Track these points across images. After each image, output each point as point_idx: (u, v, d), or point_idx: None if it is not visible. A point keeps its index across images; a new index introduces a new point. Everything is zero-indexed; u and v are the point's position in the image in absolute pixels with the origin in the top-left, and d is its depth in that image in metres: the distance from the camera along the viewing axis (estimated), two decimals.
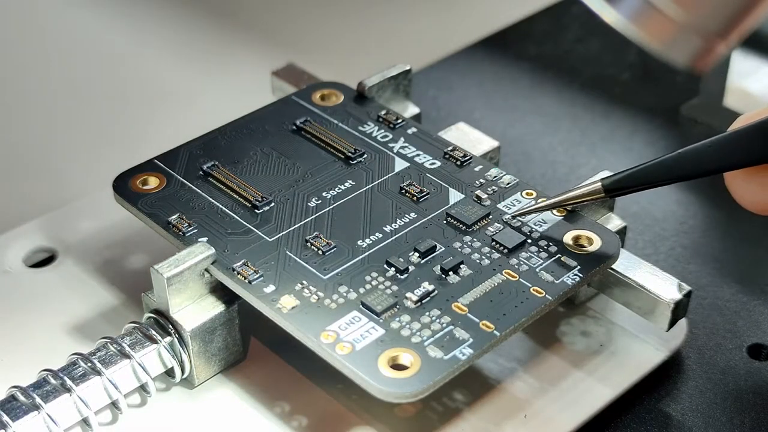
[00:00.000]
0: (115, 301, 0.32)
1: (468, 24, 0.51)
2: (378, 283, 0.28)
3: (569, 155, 0.40)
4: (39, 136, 0.44)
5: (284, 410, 0.29)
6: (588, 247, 0.29)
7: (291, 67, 0.39)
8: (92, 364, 0.28)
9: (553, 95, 0.44)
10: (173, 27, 0.52)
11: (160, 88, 0.48)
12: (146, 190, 0.32)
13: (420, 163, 0.33)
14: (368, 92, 0.35)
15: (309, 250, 0.29)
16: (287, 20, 0.53)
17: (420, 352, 0.26)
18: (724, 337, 0.32)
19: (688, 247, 0.35)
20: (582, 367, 0.30)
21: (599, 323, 0.31)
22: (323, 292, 0.28)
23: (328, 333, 0.27)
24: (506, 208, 0.31)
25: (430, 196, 0.31)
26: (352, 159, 0.33)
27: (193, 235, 0.30)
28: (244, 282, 0.28)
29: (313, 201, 0.31)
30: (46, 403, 0.27)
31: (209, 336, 0.29)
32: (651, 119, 0.42)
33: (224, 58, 0.50)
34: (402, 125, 0.34)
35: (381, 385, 0.26)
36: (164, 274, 0.28)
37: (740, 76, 0.41)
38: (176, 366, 0.29)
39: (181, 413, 0.29)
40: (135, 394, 0.29)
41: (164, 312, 0.29)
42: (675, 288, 0.30)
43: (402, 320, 0.27)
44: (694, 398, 0.30)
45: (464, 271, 0.28)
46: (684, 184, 0.38)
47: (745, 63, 0.41)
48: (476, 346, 0.26)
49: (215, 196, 0.31)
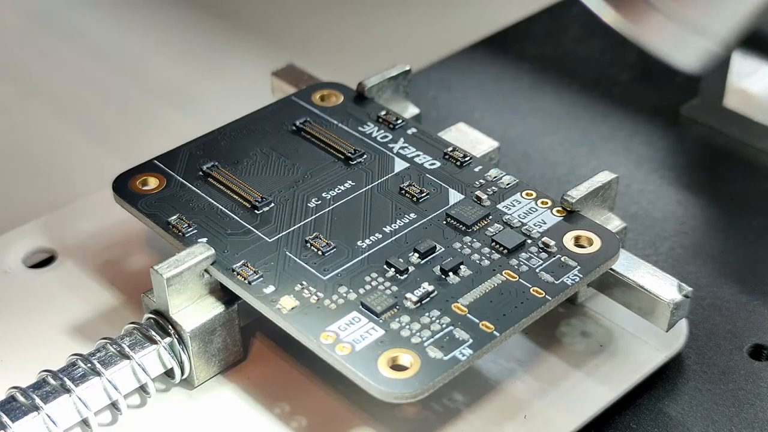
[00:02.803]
0: (115, 302, 0.32)
1: (468, 24, 0.51)
2: (378, 284, 0.28)
3: (569, 155, 0.40)
4: (38, 136, 0.44)
5: (284, 411, 0.29)
6: (588, 248, 0.29)
7: (291, 68, 0.39)
8: (92, 364, 0.28)
9: (553, 95, 0.44)
10: (173, 27, 0.52)
11: (159, 88, 0.48)
12: (146, 190, 0.32)
13: (420, 163, 0.33)
14: (368, 93, 0.35)
15: (309, 251, 0.29)
16: (287, 21, 0.53)
17: (420, 353, 0.26)
18: (724, 338, 0.32)
19: (688, 248, 0.35)
20: (582, 368, 0.30)
21: (599, 324, 0.31)
22: (323, 293, 0.28)
23: (327, 334, 0.27)
24: (506, 209, 0.31)
25: (429, 197, 0.31)
26: (351, 159, 0.33)
27: (192, 235, 0.30)
28: (244, 283, 0.28)
29: (313, 201, 0.31)
30: (45, 404, 0.27)
31: (209, 336, 0.29)
32: (651, 120, 0.42)
33: (224, 58, 0.50)
34: (402, 126, 0.34)
35: (381, 385, 0.25)
36: (164, 275, 0.28)
37: (740, 77, 0.41)
38: (176, 366, 0.29)
39: (181, 414, 0.29)
40: (134, 395, 0.29)
41: (164, 312, 0.29)
42: (675, 288, 0.29)
43: (402, 321, 0.27)
44: (694, 398, 0.30)
45: (464, 272, 0.28)
46: (684, 185, 0.38)
47: (745, 63, 0.41)
48: (476, 346, 0.26)
49: (215, 197, 0.31)
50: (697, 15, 0.27)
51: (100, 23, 0.52)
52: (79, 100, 0.47)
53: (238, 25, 0.52)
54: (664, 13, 0.27)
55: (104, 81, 0.48)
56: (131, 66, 0.49)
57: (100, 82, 0.48)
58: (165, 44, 0.51)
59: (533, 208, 0.31)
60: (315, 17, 0.53)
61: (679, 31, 0.28)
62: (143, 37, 0.51)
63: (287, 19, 0.53)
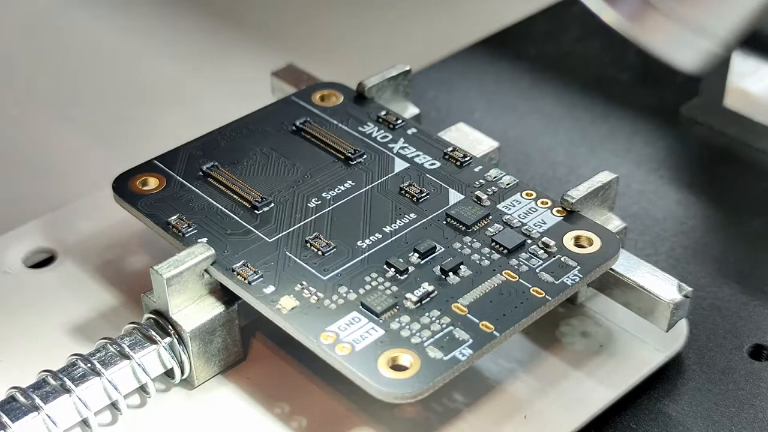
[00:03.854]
0: (115, 302, 0.32)
1: (468, 24, 0.51)
2: (378, 284, 0.28)
3: (569, 156, 0.40)
4: (38, 136, 0.44)
5: (284, 411, 0.29)
6: (588, 248, 0.29)
7: (291, 68, 0.39)
8: (92, 364, 0.28)
9: (553, 96, 0.44)
10: (173, 27, 0.52)
11: (159, 88, 0.48)
12: (146, 190, 0.32)
13: (420, 163, 0.33)
14: (368, 93, 0.35)
15: (309, 251, 0.29)
16: (287, 21, 0.53)
17: (420, 353, 0.26)
18: (723, 338, 0.32)
19: (688, 248, 0.35)
20: (582, 368, 0.30)
21: (599, 324, 0.31)
22: (323, 293, 0.28)
23: (327, 334, 0.27)
24: (506, 209, 0.31)
25: (429, 197, 0.31)
26: (351, 159, 0.33)
27: (192, 235, 0.30)
28: (244, 283, 0.28)
29: (313, 201, 0.31)
30: (45, 404, 0.27)
31: (209, 337, 0.29)
32: (651, 120, 0.42)
33: (224, 58, 0.50)
34: (402, 126, 0.34)
35: (381, 385, 0.25)
36: (164, 275, 0.28)
37: (740, 77, 0.41)
38: (176, 366, 0.29)
39: (181, 414, 0.29)
40: (134, 395, 0.29)
41: (164, 313, 0.29)
42: (675, 288, 0.29)
43: (402, 321, 0.27)
44: (694, 398, 0.30)
45: (464, 272, 0.28)
46: (684, 185, 0.38)
47: (745, 63, 0.41)
48: (476, 346, 0.26)
49: (215, 197, 0.31)
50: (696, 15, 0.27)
51: (101, 23, 0.52)
52: (79, 99, 0.47)
53: (238, 25, 0.52)
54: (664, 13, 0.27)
55: (104, 81, 0.48)
56: (131, 66, 0.49)
57: (101, 82, 0.48)
58: (165, 44, 0.51)
59: (533, 208, 0.31)
60: (314, 17, 0.53)
61: (678, 32, 0.28)
62: (143, 37, 0.51)
63: (287, 19, 0.53)
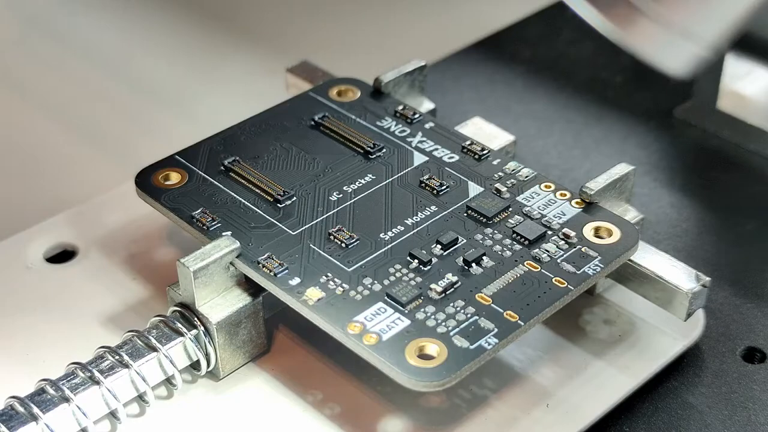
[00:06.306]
0: (139, 296, 0.33)
1: (461, 27, 0.51)
2: (402, 275, 0.29)
3: (563, 158, 0.40)
4: (60, 132, 0.45)
5: (311, 400, 0.29)
6: (608, 239, 0.30)
7: (305, 64, 0.39)
8: (120, 356, 0.28)
9: (547, 98, 0.44)
10: (188, 29, 0.52)
11: (178, 86, 0.48)
12: (168, 185, 0.32)
13: (438, 157, 0.33)
14: (384, 88, 0.36)
15: (332, 243, 0.30)
16: (286, 21, 0.53)
17: (446, 342, 0.27)
18: (717, 341, 0.32)
19: (681, 250, 0.35)
20: (603, 357, 0.30)
21: (618, 314, 0.32)
22: (348, 284, 0.28)
23: (354, 324, 0.27)
24: (525, 201, 0.31)
25: (449, 190, 0.32)
26: (371, 153, 0.33)
27: (217, 229, 0.30)
28: (270, 275, 0.29)
29: (335, 195, 0.31)
30: (75, 395, 0.27)
31: (234, 328, 0.29)
32: (644, 122, 0.42)
33: (239, 56, 0.50)
34: (419, 120, 0.35)
35: (408, 374, 0.26)
36: (191, 268, 0.28)
37: (733, 79, 0.40)
38: (202, 358, 0.29)
39: (207, 405, 0.29)
40: (161, 387, 0.30)
41: (190, 305, 0.29)
42: (693, 278, 0.30)
43: (427, 311, 0.27)
44: (686, 401, 0.30)
45: (486, 263, 0.29)
46: (677, 187, 0.38)
47: (738, 66, 0.40)
48: (501, 335, 0.27)
49: (237, 191, 0.32)
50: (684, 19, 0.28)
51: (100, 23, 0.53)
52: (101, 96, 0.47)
53: (251, 24, 0.53)
54: (652, 18, 0.27)
55: (126, 78, 0.48)
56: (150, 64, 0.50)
57: (123, 80, 0.48)
58: (182, 44, 0.51)
59: (552, 200, 0.31)
60: (314, 18, 0.54)
61: (666, 36, 0.28)
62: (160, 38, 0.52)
63: (286, 19, 0.53)
